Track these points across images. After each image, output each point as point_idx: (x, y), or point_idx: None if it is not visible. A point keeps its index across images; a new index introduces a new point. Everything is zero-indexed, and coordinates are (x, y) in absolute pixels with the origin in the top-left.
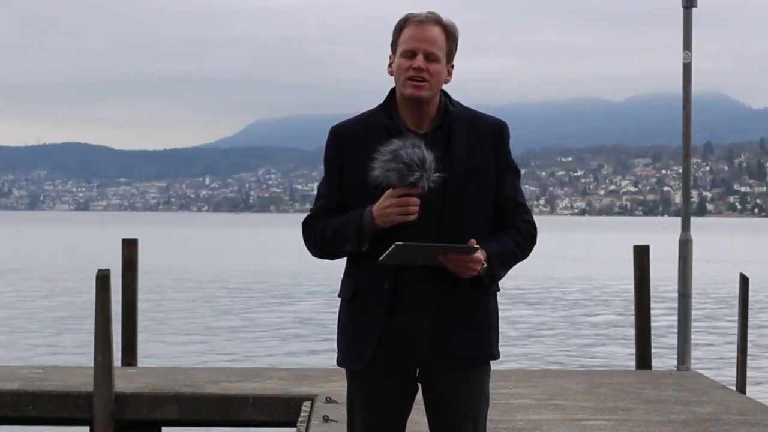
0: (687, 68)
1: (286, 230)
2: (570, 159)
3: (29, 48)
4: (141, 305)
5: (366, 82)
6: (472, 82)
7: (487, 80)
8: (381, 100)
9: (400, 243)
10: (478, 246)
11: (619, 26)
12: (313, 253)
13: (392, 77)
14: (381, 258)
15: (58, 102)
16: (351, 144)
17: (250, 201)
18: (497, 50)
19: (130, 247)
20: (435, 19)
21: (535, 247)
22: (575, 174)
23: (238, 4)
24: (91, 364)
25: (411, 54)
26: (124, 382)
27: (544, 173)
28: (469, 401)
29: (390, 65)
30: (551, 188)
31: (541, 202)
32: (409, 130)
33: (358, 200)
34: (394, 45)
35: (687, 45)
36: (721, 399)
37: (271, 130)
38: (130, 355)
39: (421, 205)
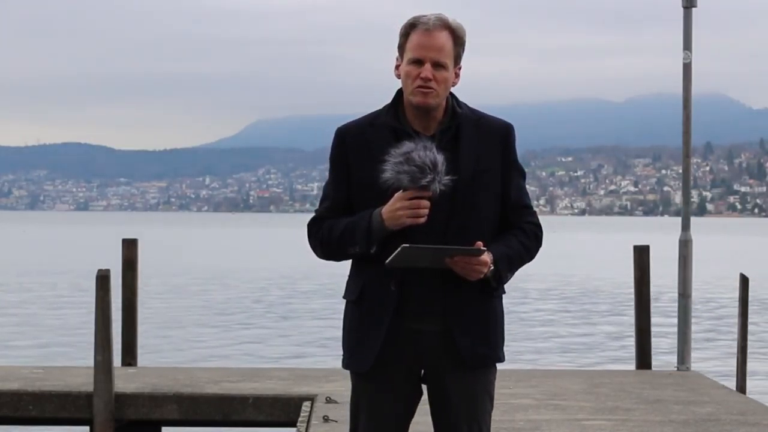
0: (687, 68)
1: (286, 230)
2: (570, 159)
3: (29, 48)
4: (141, 305)
5: (366, 82)
6: (472, 83)
7: (487, 80)
8: (381, 100)
9: (407, 245)
10: (485, 248)
11: (619, 26)
12: (319, 254)
13: (399, 80)
14: (388, 261)
15: (58, 102)
16: (357, 145)
17: (250, 201)
18: (497, 51)
19: (130, 247)
20: (443, 24)
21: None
22: (575, 174)
23: (238, 4)
24: (91, 364)
25: (419, 62)
26: (124, 382)
27: (544, 173)
28: (474, 403)
29: (397, 67)
30: (551, 188)
31: (541, 202)
32: (415, 132)
33: (364, 201)
34: (401, 48)
35: (687, 45)
36: (721, 399)
37: (271, 130)
38: (130, 355)
39: (430, 208)
